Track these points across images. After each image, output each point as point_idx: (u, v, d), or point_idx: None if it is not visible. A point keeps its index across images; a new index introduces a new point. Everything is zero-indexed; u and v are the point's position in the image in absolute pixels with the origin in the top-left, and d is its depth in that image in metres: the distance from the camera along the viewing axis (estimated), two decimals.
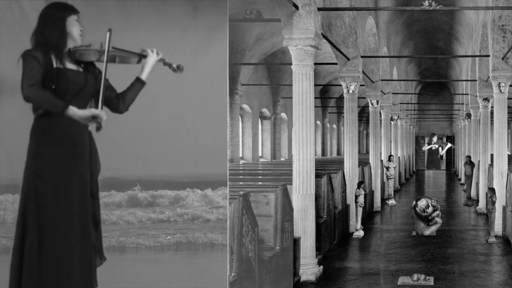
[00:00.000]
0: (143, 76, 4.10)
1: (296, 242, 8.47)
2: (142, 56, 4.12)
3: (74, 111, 3.81)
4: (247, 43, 18.09)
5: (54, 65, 3.84)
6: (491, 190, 12.39)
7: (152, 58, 4.13)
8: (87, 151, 3.94)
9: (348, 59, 13.06)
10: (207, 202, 5.34)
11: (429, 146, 32.18)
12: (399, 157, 26.27)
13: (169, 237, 5.31)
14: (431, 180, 32.04)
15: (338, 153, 38.10)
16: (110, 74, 4.08)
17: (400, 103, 26.18)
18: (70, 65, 3.93)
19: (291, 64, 8.79)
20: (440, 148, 30.72)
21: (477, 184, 18.64)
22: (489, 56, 13.81)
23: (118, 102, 4.06)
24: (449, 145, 31.21)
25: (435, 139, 31.18)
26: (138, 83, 4.09)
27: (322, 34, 9.16)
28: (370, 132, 17.82)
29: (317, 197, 10.25)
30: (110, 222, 5.32)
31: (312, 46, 8.62)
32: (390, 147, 24.29)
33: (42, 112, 3.81)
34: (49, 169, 3.79)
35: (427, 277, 8.68)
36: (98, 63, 4.06)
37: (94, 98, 4.03)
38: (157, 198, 5.45)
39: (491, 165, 14.90)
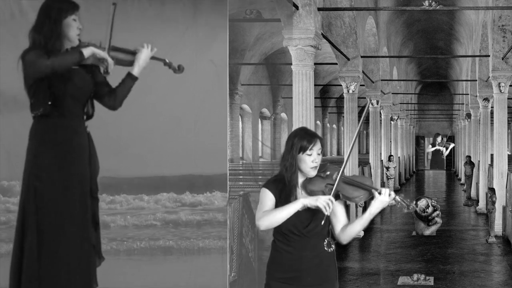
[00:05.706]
0: (135, 72, 4.00)
1: None
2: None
3: (90, 50, 3.82)
4: (247, 43, 18.08)
5: None
6: (491, 190, 12.39)
7: (144, 54, 4.02)
8: (86, 152, 3.92)
9: (348, 59, 13.05)
10: (207, 202, 5.33)
11: (434, 148, 32.08)
12: (399, 157, 26.27)
13: (169, 237, 5.31)
14: (431, 180, 32.03)
15: (338, 153, 38.09)
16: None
17: (400, 103, 26.18)
18: None
19: (291, 64, 8.78)
20: (444, 149, 30.64)
21: (477, 184, 18.64)
22: (489, 56, 13.81)
23: (110, 97, 4.01)
24: (452, 145, 31.16)
25: (439, 139, 31.08)
26: (129, 79, 4.00)
27: (322, 34, 9.15)
28: (370, 132, 17.81)
29: None
30: (109, 223, 5.31)
31: (312, 46, 8.62)
32: (390, 147, 24.30)
33: (41, 113, 3.79)
34: (49, 170, 3.78)
35: (427, 277, 8.68)
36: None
37: (91, 99, 4.01)
38: (157, 198, 5.44)
39: (491, 165, 14.90)
